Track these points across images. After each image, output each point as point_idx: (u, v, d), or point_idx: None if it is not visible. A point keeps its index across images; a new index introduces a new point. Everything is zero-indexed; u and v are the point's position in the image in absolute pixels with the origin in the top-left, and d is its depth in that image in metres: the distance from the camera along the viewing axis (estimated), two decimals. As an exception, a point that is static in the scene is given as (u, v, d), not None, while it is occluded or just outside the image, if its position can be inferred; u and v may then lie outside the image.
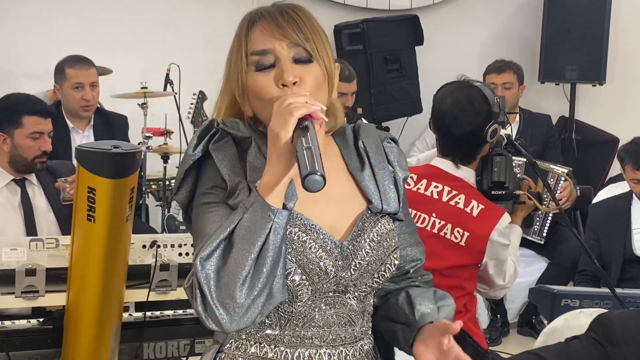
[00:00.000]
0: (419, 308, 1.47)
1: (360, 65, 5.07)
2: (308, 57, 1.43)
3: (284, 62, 1.42)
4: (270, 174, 1.33)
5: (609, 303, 2.83)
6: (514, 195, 2.70)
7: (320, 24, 1.48)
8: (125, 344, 2.70)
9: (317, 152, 1.27)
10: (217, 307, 1.30)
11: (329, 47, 1.49)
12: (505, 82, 4.83)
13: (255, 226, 1.31)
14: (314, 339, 1.45)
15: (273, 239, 1.31)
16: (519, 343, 4.34)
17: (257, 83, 1.44)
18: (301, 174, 1.25)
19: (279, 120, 1.31)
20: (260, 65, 1.44)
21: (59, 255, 2.55)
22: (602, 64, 5.52)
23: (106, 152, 2.29)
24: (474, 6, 5.98)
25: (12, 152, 3.20)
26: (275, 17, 1.44)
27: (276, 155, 1.32)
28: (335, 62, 1.50)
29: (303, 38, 1.43)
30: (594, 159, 5.82)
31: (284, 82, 1.41)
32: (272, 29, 1.43)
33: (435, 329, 1.40)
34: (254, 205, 1.32)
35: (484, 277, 2.65)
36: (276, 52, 1.43)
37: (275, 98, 1.39)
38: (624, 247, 3.65)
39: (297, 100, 1.32)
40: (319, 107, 1.34)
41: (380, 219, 1.50)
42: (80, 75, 4.20)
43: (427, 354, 1.39)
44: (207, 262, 1.31)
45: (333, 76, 1.48)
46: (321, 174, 1.24)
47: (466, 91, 2.62)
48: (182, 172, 1.46)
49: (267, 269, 1.31)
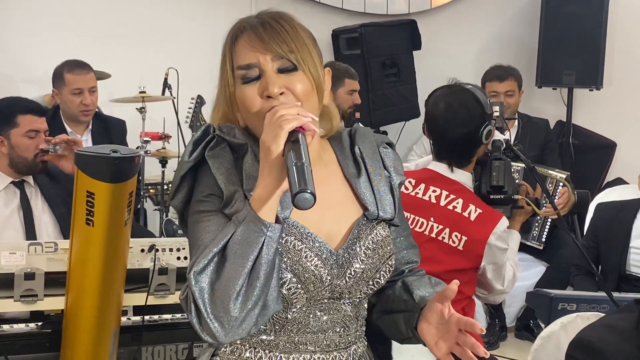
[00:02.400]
0: (417, 292, 1.48)
1: (358, 69, 5.07)
2: (293, 67, 1.43)
3: (268, 75, 1.42)
4: (263, 187, 1.33)
5: (606, 307, 2.84)
6: (512, 200, 2.71)
7: (306, 30, 1.47)
8: (123, 347, 2.71)
9: (307, 167, 1.26)
10: (211, 321, 1.30)
11: (316, 53, 1.47)
12: (507, 90, 4.82)
13: (247, 240, 1.31)
14: (308, 345, 1.46)
15: (266, 253, 1.32)
16: (516, 347, 4.34)
17: (243, 95, 1.44)
18: (291, 192, 1.25)
19: (270, 133, 1.31)
20: (246, 79, 1.43)
21: (57, 259, 2.55)
22: (599, 68, 5.54)
23: (105, 156, 2.30)
24: (471, 11, 6.00)
25: (11, 154, 3.20)
26: (257, 30, 1.43)
27: (268, 169, 1.32)
28: (325, 67, 1.49)
29: (287, 50, 1.42)
30: (591, 164, 5.83)
31: (268, 94, 1.41)
32: (254, 43, 1.43)
33: (433, 302, 1.40)
34: (246, 220, 1.32)
35: (482, 281, 2.66)
36: (260, 65, 1.42)
37: (261, 110, 1.40)
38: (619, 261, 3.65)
39: (288, 112, 1.32)
40: (310, 119, 1.33)
41: (376, 225, 1.50)
42: (79, 81, 4.21)
43: (431, 329, 1.40)
44: (201, 275, 1.31)
45: (322, 82, 1.47)
46: (311, 192, 1.23)
47: (458, 94, 2.62)
48: (177, 178, 1.46)
49: (260, 282, 1.31)
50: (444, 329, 1.38)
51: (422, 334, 1.42)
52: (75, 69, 4.23)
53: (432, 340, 1.40)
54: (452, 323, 1.35)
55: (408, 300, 1.48)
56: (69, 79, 4.21)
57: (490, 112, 2.61)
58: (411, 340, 1.48)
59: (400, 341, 1.53)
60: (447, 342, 1.37)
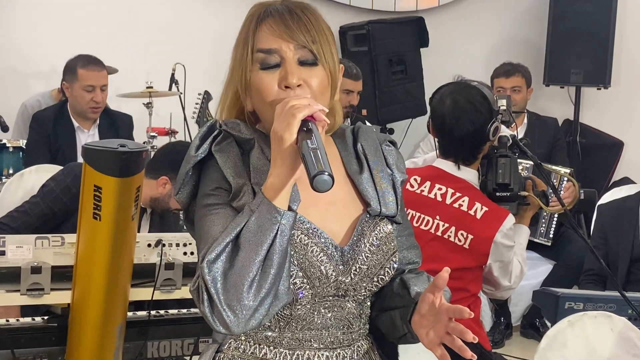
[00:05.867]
0: (414, 288, 1.47)
1: (365, 66, 5.07)
2: (313, 60, 1.43)
3: (288, 64, 1.42)
4: (276, 176, 1.32)
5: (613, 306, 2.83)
6: (518, 197, 2.70)
7: (327, 24, 1.48)
8: (129, 342, 2.71)
9: (323, 152, 1.27)
10: (224, 310, 1.30)
11: (335, 49, 1.48)
12: (514, 86, 4.84)
13: (262, 228, 1.31)
14: (312, 341, 1.46)
15: (280, 241, 1.31)
16: (522, 346, 4.34)
17: (260, 81, 1.43)
18: (309, 175, 1.25)
19: (282, 122, 1.31)
20: (265, 64, 1.43)
21: (64, 253, 2.55)
22: (607, 67, 5.53)
23: (113, 150, 2.30)
24: (479, 9, 5.99)
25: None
26: (284, 16, 1.43)
27: (281, 158, 1.31)
28: (339, 64, 1.49)
29: (310, 40, 1.42)
30: (599, 163, 5.82)
31: (287, 84, 1.41)
32: (280, 29, 1.43)
33: (425, 293, 1.39)
34: (260, 207, 1.32)
35: (489, 278, 2.65)
36: (282, 52, 1.42)
37: (276, 100, 1.40)
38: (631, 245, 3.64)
39: (299, 102, 1.32)
40: (321, 108, 1.34)
41: (379, 222, 1.50)
42: (92, 77, 4.20)
43: (423, 321, 1.38)
44: (214, 264, 1.31)
45: (337, 79, 1.48)
46: (329, 174, 1.24)
47: (465, 91, 2.61)
48: (183, 172, 1.46)
49: (274, 270, 1.31)
50: (435, 319, 1.36)
51: (414, 327, 1.41)
52: (88, 65, 4.23)
53: (423, 331, 1.39)
54: (442, 312, 1.34)
55: (404, 296, 1.48)
56: (82, 75, 4.20)
57: (496, 108, 2.60)
58: (407, 338, 1.47)
59: (397, 340, 1.52)
60: (437, 332, 1.36)
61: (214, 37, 5.21)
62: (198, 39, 5.26)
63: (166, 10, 5.28)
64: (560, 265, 4.41)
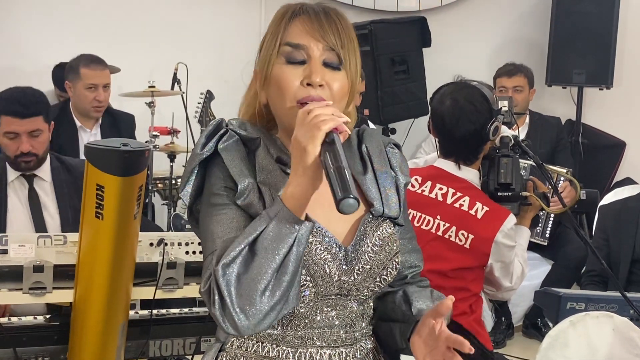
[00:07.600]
0: (416, 304, 1.48)
1: (368, 66, 5.07)
2: (338, 64, 1.45)
3: (314, 63, 1.43)
4: (296, 185, 1.32)
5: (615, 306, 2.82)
6: (520, 197, 2.70)
7: (355, 35, 1.50)
8: (131, 341, 2.72)
9: (346, 170, 1.26)
10: (237, 313, 1.30)
11: (360, 59, 1.50)
12: (516, 86, 4.85)
13: (279, 236, 1.31)
14: (315, 340, 1.46)
15: (296, 250, 1.32)
16: (524, 346, 4.34)
17: (282, 73, 1.44)
18: (335, 197, 1.24)
19: (305, 133, 1.30)
20: (291, 58, 1.44)
21: (66, 252, 2.55)
22: (609, 67, 5.52)
23: (115, 149, 2.30)
24: (481, 8, 5.99)
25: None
26: (320, 17, 1.46)
27: (302, 169, 1.30)
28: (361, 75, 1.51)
29: (339, 44, 1.45)
30: (601, 163, 5.81)
31: (310, 82, 1.42)
32: (313, 26, 1.45)
33: (427, 316, 1.40)
34: (279, 216, 1.32)
35: (490, 279, 2.65)
36: (310, 50, 1.44)
37: (294, 96, 1.41)
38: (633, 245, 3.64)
39: (323, 112, 1.31)
40: (345, 120, 1.33)
41: (382, 222, 1.51)
42: (94, 76, 4.21)
43: (420, 343, 1.39)
44: (229, 268, 1.31)
45: (356, 86, 1.50)
46: (354, 197, 1.23)
47: (465, 91, 2.62)
48: (189, 170, 1.46)
49: (288, 277, 1.31)
50: (433, 344, 1.36)
51: (412, 347, 1.41)
52: (91, 64, 4.23)
53: (420, 354, 1.39)
54: (442, 340, 1.34)
55: (406, 311, 1.48)
56: (85, 74, 4.21)
57: (497, 108, 2.60)
58: (405, 351, 1.49)
59: (394, 351, 1.53)
60: (434, 358, 1.36)
61: (216, 36, 5.22)
62: (200, 38, 5.26)
63: (169, 10, 5.29)
64: (559, 265, 4.41)
